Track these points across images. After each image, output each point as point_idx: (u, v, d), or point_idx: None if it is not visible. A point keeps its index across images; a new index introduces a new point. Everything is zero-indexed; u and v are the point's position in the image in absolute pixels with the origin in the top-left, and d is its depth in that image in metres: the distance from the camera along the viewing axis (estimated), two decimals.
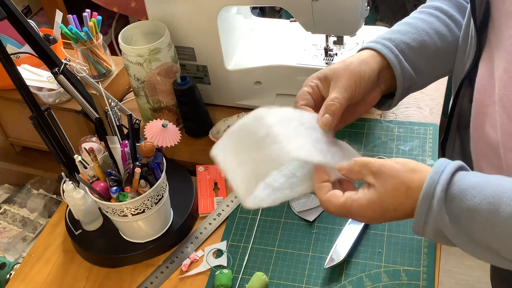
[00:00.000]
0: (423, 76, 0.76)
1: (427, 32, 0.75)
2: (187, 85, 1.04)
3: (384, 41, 0.73)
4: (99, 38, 1.11)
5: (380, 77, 0.73)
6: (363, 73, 0.69)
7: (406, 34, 0.74)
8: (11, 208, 1.26)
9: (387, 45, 0.72)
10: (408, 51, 0.73)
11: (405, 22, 0.78)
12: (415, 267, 0.83)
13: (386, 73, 0.73)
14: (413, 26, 0.75)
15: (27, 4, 1.77)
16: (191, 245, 0.92)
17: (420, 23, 0.76)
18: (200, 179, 1.02)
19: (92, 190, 0.83)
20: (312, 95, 0.70)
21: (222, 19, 1.04)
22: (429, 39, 0.75)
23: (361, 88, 0.69)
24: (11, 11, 0.82)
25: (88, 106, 0.93)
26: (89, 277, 0.91)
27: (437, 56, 0.76)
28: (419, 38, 0.74)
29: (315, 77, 0.71)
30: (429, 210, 0.57)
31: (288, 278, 0.85)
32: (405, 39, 0.74)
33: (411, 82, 0.74)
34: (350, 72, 0.69)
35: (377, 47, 0.72)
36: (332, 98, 0.67)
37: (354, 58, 0.71)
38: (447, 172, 0.57)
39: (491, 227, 0.54)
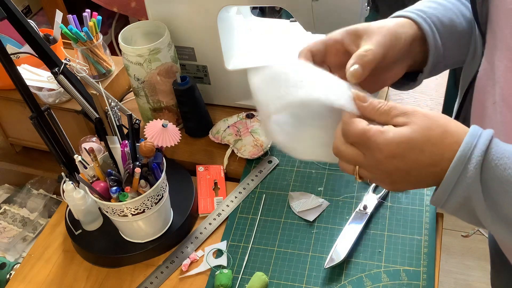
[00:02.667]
0: (447, 57, 0.70)
1: (454, 11, 0.70)
2: (187, 85, 1.04)
3: (417, 11, 0.67)
4: (99, 38, 1.11)
5: (411, 49, 0.66)
6: (399, 35, 0.63)
7: (436, 9, 0.69)
8: (11, 208, 1.26)
9: (422, 16, 0.67)
10: (440, 26, 0.68)
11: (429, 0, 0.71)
12: (415, 267, 0.83)
13: (417, 46, 0.67)
14: (439, 4, 0.70)
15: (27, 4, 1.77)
16: (191, 245, 0.92)
17: (445, 2, 0.71)
18: (200, 179, 1.02)
19: (92, 190, 0.83)
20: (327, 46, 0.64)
21: (222, 19, 1.04)
22: (457, 18, 0.70)
23: (395, 50, 0.63)
24: (11, 11, 0.82)
25: (88, 106, 0.93)
26: (89, 277, 0.91)
27: (462, 38, 0.71)
28: (448, 15, 0.69)
29: (343, 30, 0.64)
30: (463, 174, 0.51)
31: (288, 278, 0.85)
32: (436, 14, 0.68)
33: (438, 60, 0.69)
34: (387, 30, 0.62)
35: (412, 16, 0.66)
36: (365, 49, 0.61)
37: (388, 20, 0.65)
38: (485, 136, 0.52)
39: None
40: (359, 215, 0.91)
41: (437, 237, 0.87)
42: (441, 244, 0.87)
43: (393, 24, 0.64)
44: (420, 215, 0.90)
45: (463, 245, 1.97)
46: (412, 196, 0.93)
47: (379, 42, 0.61)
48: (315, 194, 0.97)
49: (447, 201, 0.53)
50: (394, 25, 0.64)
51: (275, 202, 0.97)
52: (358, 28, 0.63)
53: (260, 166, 1.03)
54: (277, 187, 0.99)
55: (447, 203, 0.54)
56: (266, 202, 0.97)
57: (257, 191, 0.99)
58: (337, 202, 0.95)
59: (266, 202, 0.97)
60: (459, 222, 2.02)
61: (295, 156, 0.65)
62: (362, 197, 0.94)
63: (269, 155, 1.05)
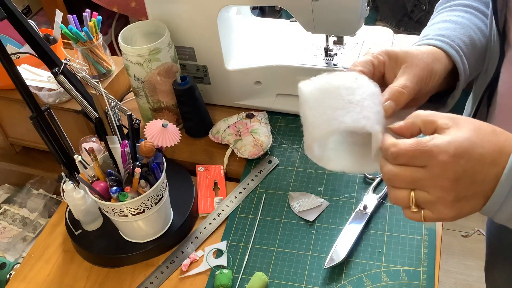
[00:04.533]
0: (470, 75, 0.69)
1: (471, 28, 0.68)
2: (187, 85, 1.04)
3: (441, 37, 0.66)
4: (99, 38, 1.11)
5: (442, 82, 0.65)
6: (435, 71, 0.62)
7: (455, 30, 0.67)
8: (11, 208, 1.26)
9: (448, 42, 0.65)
10: (464, 47, 0.66)
11: (444, 20, 0.70)
12: (415, 267, 0.83)
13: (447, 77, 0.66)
14: (455, 22, 0.68)
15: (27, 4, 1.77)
16: (191, 245, 0.92)
17: (461, 19, 0.69)
18: (200, 179, 1.02)
19: (92, 190, 0.83)
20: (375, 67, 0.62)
21: (222, 19, 1.04)
22: (475, 35, 0.68)
23: (429, 86, 0.62)
24: (11, 11, 0.82)
25: (88, 106, 0.93)
26: (89, 277, 0.91)
27: (482, 53, 0.70)
28: (467, 33, 0.67)
29: (385, 52, 0.62)
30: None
31: (288, 278, 0.85)
32: (457, 35, 0.66)
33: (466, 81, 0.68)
34: (425, 64, 0.61)
35: (443, 46, 0.64)
36: (402, 85, 0.59)
37: (426, 51, 0.63)
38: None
39: None
40: (359, 215, 0.91)
41: (437, 237, 0.87)
42: (441, 244, 0.87)
43: (431, 59, 0.62)
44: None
45: (463, 245, 1.97)
46: None
47: (416, 77, 0.60)
48: (315, 194, 0.97)
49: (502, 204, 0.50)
50: (432, 60, 0.62)
51: (275, 202, 0.97)
52: (398, 55, 0.62)
53: (260, 166, 1.03)
54: (277, 187, 0.99)
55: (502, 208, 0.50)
56: (266, 202, 0.97)
57: (257, 191, 0.99)
58: (337, 202, 0.95)
59: (266, 202, 0.97)
60: (459, 222, 2.02)
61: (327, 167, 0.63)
62: (362, 197, 0.94)
63: (269, 155, 1.05)
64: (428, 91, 0.63)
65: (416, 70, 0.60)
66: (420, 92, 0.61)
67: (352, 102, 0.56)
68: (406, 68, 0.61)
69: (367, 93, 0.58)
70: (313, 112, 0.58)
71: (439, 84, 0.64)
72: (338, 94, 0.57)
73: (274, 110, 1.12)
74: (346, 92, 0.57)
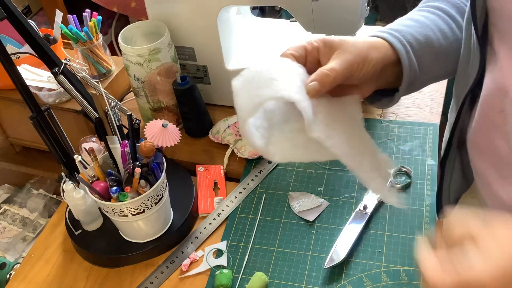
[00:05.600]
0: (424, 73, 0.71)
1: (431, 28, 0.70)
2: (187, 85, 1.04)
3: (392, 31, 0.68)
4: (99, 38, 1.11)
5: (383, 71, 0.67)
6: (370, 58, 0.64)
7: (412, 27, 0.70)
8: (11, 208, 1.26)
9: (396, 36, 0.67)
10: (415, 44, 0.68)
11: (406, 18, 0.73)
12: (415, 267, 0.83)
13: (390, 68, 0.68)
14: (416, 21, 0.71)
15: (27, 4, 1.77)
16: (191, 245, 0.92)
17: (423, 18, 0.72)
18: (200, 179, 1.02)
19: (92, 190, 0.83)
20: (307, 53, 0.64)
21: (222, 19, 1.04)
22: (434, 35, 0.70)
23: (362, 72, 0.64)
24: (11, 11, 0.82)
25: (88, 106, 0.93)
26: (89, 277, 0.91)
27: (440, 54, 0.72)
28: (424, 32, 0.70)
29: (320, 39, 0.64)
30: None
31: (288, 278, 0.85)
32: (411, 32, 0.69)
33: (415, 78, 0.70)
34: (358, 51, 0.63)
35: (387, 37, 0.67)
36: (329, 67, 0.61)
37: (365, 40, 0.66)
38: None
39: None
40: (359, 215, 0.91)
41: None
42: None
43: (367, 46, 0.65)
44: (420, 215, 0.90)
45: None
46: (412, 196, 0.93)
47: (346, 62, 0.62)
48: (315, 194, 0.97)
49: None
50: (368, 47, 0.64)
51: (275, 202, 0.97)
52: (334, 41, 0.64)
53: (260, 166, 1.03)
54: (277, 187, 0.99)
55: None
56: (266, 202, 0.97)
57: (257, 191, 0.99)
58: (337, 202, 0.95)
59: (266, 202, 0.97)
60: None
61: (273, 159, 0.65)
62: (362, 197, 0.94)
63: None
64: (364, 77, 0.64)
65: (347, 55, 0.62)
66: (353, 77, 0.63)
67: (274, 79, 0.59)
68: (338, 53, 0.63)
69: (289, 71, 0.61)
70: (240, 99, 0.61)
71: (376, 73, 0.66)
72: (261, 76, 0.60)
73: None
74: (268, 73, 0.60)
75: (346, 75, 0.62)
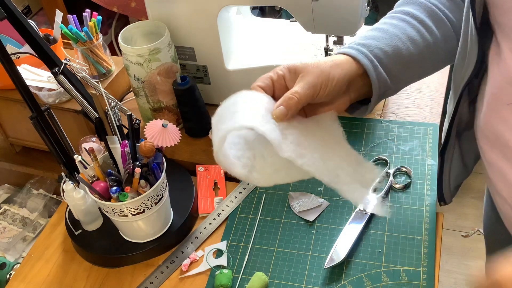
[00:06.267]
0: (396, 81, 0.74)
1: (399, 37, 0.73)
2: (187, 85, 1.04)
3: (359, 46, 0.71)
4: (99, 38, 1.11)
5: (352, 84, 0.71)
6: (332, 76, 0.67)
7: (380, 39, 0.73)
8: (11, 208, 1.26)
9: (362, 51, 0.71)
10: (383, 56, 0.72)
11: (376, 28, 0.76)
12: (415, 267, 0.83)
13: (359, 81, 0.71)
14: (385, 32, 0.74)
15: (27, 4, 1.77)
16: (191, 245, 0.92)
17: (392, 28, 0.74)
18: (200, 179, 1.02)
19: (92, 190, 0.83)
20: (274, 82, 0.69)
21: (222, 19, 1.04)
22: (402, 44, 0.73)
23: (326, 91, 0.67)
24: (11, 11, 0.82)
25: (88, 106, 0.93)
26: (89, 277, 0.91)
27: (410, 62, 0.74)
28: (392, 43, 0.73)
29: (285, 67, 0.69)
30: None
31: (288, 278, 0.85)
32: (379, 45, 0.72)
33: (386, 88, 0.73)
34: (320, 71, 0.67)
35: (352, 53, 0.70)
36: (293, 91, 0.66)
37: (328, 59, 0.70)
38: None
39: None
40: (359, 215, 0.91)
41: (437, 237, 0.87)
42: (441, 244, 0.87)
43: (329, 65, 0.68)
44: (420, 215, 0.90)
45: (463, 245, 1.97)
46: (412, 196, 0.93)
47: (309, 83, 0.66)
48: (315, 194, 0.97)
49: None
50: (329, 66, 0.68)
51: (275, 202, 0.97)
52: (297, 66, 0.68)
53: None
54: (277, 187, 0.99)
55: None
56: (266, 202, 0.97)
57: (257, 191, 0.99)
58: (337, 202, 0.95)
59: (266, 202, 0.97)
60: (459, 222, 2.02)
61: (258, 185, 0.69)
62: None
63: None
64: (331, 94, 0.68)
65: (309, 77, 0.66)
66: (320, 96, 0.67)
67: (236, 111, 0.64)
68: (301, 76, 0.67)
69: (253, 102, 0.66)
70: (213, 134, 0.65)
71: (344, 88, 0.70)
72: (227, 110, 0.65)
73: None
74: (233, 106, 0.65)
75: (310, 96, 0.66)
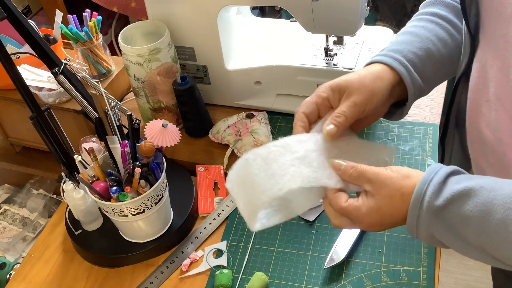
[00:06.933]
0: (429, 82, 0.76)
1: (431, 39, 0.75)
2: (187, 85, 1.04)
3: (393, 53, 0.73)
4: (99, 38, 1.11)
5: (392, 92, 0.72)
6: (377, 90, 0.69)
7: (412, 43, 0.74)
8: (11, 208, 1.26)
9: (397, 58, 0.72)
10: (417, 60, 0.73)
11: (407, 32, 0.77)
12: (415, 267, 0.83)
13: (397, 89, 0.73)
14: (416, 35, 0.75)
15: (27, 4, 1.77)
16: (191, 245, 0.92)
17: (423, 31, 0.76)
18: (200, 179, 1.02)
19: (92, 190, 0.83)
20: (318, 105, 0.70)
21: (222, 19, 1.04)
22: (434, 46, 0.75)
23: (373, 105, 0.69)
24: (11, 11, 0.82)
25: (88, 106, 0.93)
26: (89, 277, 0.91)
27: (441, 63, 0.76)
28: (425, 46, 0.74)
29: (328, 87, 0.70)
30: (419, 218, 0.59)
31: (288, 278, 0.85)
32: (412, 49, 0.74)
33: (420, 90, 0.75)
34: (364, 88, 0.68)
35: (388, 62, 0.72)
36: (340, 111, 0.67)
37: (368, 72, 0.71)
38: (436, 181, 0.59)
39: (484, 233, 0.55)
40: None
41: None
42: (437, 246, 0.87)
43: (372, 79, 0.69)
44: None
45: None
46: None
47: (355, 102, 0.68)
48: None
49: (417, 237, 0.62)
50: (371, 81, 0.69)
51: None
52: (341, 85, 0.69)
53: None
54: None
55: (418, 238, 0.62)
56: None
57: None
58: None
59: None
60: None
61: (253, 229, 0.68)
62: None
63: None
64: (376, 107, 0.70)
65: (355, 96, 0.68)
66: (367, 110, 0.69)
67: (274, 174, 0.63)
68: (346, 96, 0.68)
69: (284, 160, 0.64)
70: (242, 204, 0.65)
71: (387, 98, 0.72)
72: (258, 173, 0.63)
73: (274, 110, 1.12)
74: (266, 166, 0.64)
75: (357, 113, 0.68)
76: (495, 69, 0.62)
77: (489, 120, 0.65)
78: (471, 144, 0.73)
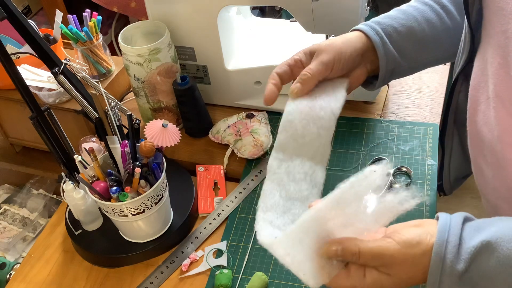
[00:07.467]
0: (409, 60, 0.78)
1: (416, 19, 0.78)
2: (187, 85, 1.04)
3: (372, 23, 0.77)
4: (99, 38, 1.11)
5: (365, 57, 0.75)
6: (344, 51, 0.73)
7: (396, 19, 0.78)
8: (11, 208, 1.26)
9: (374, 27, 0.76)
10: (395, 34, 0.76)
11: (397, 9, 0.81)
12: None
13: (371, 54, 0.76)
14: (404, 12, 0.79)
15: (27, 4, 1.77)
16: (191, 245, 0.92)
17: (412, 10, 0.79)
18: (200, 179, 1.02)
19: (92, 190, 0.83)
20: (291, 67, 0.73)
21: (222, 19, 1.04)
22: (418, 25, 0.78)
23: (340, 64, 0.72)
24: (11, 11, 0.82)
25: (88, 106, 0.93)
26: (89, 277, 0.91)
27: (424, 42, 0.78)
28: (408, 24, 0.77)
29: (301, 51, 0.74)
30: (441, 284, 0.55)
31: (288, 278, 0.85)
32: (393, 23, 0.77)
33: (395, 65, 0.77)
34: (332, 48, 0.72)
35: (363, 28, 0.75)
36: (306, 69, 0.71)
37: (340, 37, 0.76)
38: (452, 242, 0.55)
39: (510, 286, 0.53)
40: None
41: None
42: None
43: (341, 41, 0.74)
44: (420, 215, 0.90)
45: None
46: None
47: (322, 60, 0.71)
48: None
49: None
50: (341, 43, 0.74)
51: None
52: (312, 48, 0.74)
53: (260, 166, 1.03)
54: None
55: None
56: None
57: (257, 191, 0.99)
58: None
59: None
60: None
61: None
62: None
63: (269, 155, 1.04)
64: (345, 67, 0.74)
65: (323, 55, 0.72)
66: (335, 70, 0.72)
67: None
68: (316, 55, 0.73)
69: None
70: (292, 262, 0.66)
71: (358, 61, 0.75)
72: None
73: (274, 110, 1.12)
74: None
75: (323, 71, 0.71)
76: (495, 65, 0.62)
77: (487, 118, 0.65)
78: (470, 144, 0.73)
